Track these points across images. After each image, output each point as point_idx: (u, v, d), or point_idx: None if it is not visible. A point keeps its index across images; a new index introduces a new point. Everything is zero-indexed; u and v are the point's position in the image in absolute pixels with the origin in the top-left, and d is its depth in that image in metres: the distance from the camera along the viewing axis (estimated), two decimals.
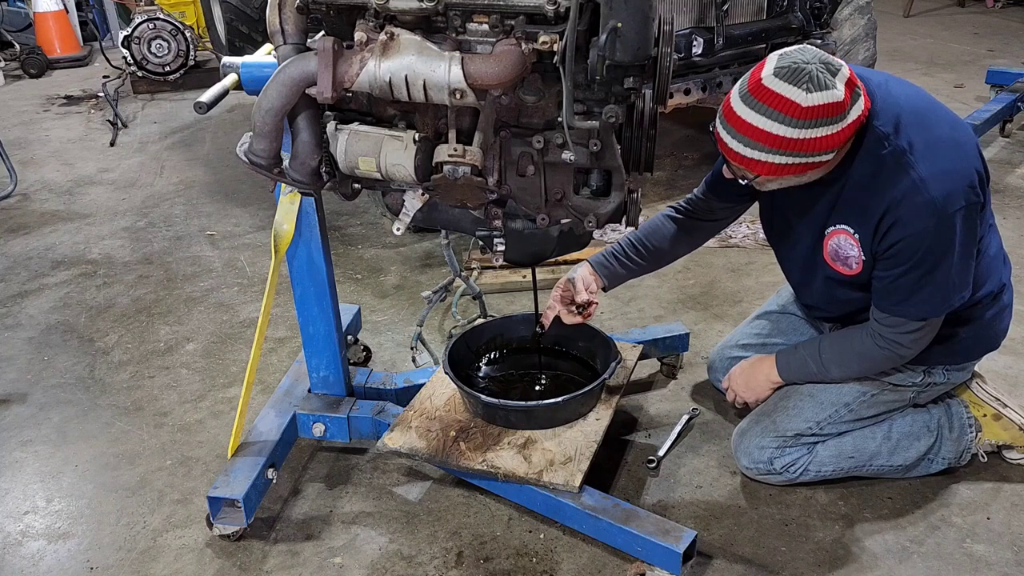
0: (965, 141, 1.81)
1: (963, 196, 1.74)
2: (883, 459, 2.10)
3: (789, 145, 1.69)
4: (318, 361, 2.26)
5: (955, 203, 1.73)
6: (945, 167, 1.74)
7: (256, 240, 3.71)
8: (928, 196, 1.72)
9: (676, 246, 2.28)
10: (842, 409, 2.08)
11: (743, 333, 2.42)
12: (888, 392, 2.08)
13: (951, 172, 1.74)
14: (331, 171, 1.77)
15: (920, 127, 1.78)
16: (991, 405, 2.16)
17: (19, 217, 4.09)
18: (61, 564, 2.03)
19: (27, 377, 2.78)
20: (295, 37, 1.71)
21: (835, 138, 1.70)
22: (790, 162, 1.73)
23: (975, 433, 2.15)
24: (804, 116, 1.66)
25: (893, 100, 1.80)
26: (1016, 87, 4.60)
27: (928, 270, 1.79)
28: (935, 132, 1.79)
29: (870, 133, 1.78)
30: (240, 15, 4.70)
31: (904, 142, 1.75)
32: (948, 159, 1.76)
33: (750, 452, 2.12)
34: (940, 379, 2.08)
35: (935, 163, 1.74)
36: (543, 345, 2.35)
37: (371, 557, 2.00)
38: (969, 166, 1.77)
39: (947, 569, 1.91)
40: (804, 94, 1.65)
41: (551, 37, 1.54)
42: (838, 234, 1.90)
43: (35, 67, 6.80)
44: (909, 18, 7.57)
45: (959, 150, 1.79)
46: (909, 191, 1.74)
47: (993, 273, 1.98)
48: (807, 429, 2.08)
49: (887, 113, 1.78)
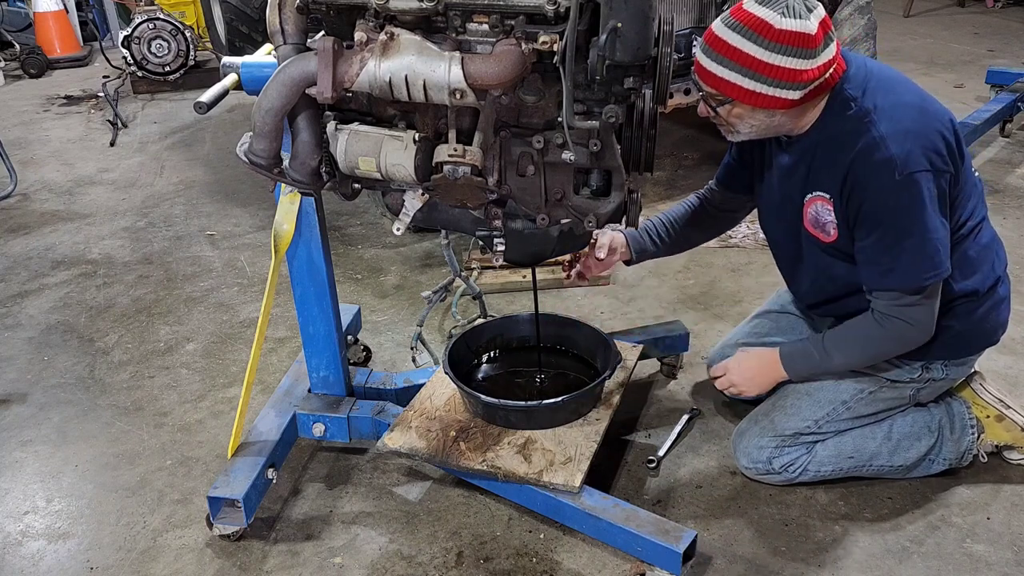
0: (934, 111, 1.82)
1: (926, 159, 1.75)
2: (883, 459, 2.10)
3: (757, 66, 1.73)
4: (318, 361, 2.26)
5: (916, 163, 1.74)
6: (907, 127, 1.76)
7: (256, 240, 3.71)
8: (887, 153, 1.74)
9: (697, 233, 2.36)
10: (840, 407, 2.07)
11: (742, 332, 2.42)
12: (886, 389, 2.07)
13: (912, 132, 1.76)
14: (331, 171, 1.77)
15: (887, 92, 1.81)
16: (994, 406, 2.15)
17: (19, 217, 4.09)
18: (61, 564, 2.03)
19: (27, 377, 2.78)
20: (295, 37, 1.71)
21: (803, 74, 1.73)
22: (758, 89, 1.75)
23: (976, 434, 2.14)
24: (775, 39, 1.70)
25: (866, 70, 1.85)
26: (1016, 87, 4.60)
27: (899, 235, 1.79)
28: (901, 97, 1.82)
29: (839, 96, 1.82)
30: (240, 15, 4.70)
31: (869, 103, 1.79)
32: (910, 120, 1.77)
33: (749, 452, 2.12)
34: (939, 375, 2.07)
35: (896, 123, 1.76)
36: (543, 345, 2.35)
37: (371, 557, 2.00)
38: (933, 131, 1.78)
39: (947, 569, 1.91)
40: (779, 17, 1.70)
41: (551, 37, 1.54)
42: (815, 201, 1.92)
43: (35, 67, 6.80)
44: (909, 18, 7.57)
45: (924, 115, 1.80)
46: (868, 148, 1.76)
47: (986, 263, 1.98)
48: (806, 428, 2.08)
49: (857, 79, 1.83)
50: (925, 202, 1.77)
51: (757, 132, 1.89)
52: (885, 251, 1.82)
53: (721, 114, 1.86)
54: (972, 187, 1.93)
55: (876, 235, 1.82)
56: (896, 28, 7.15)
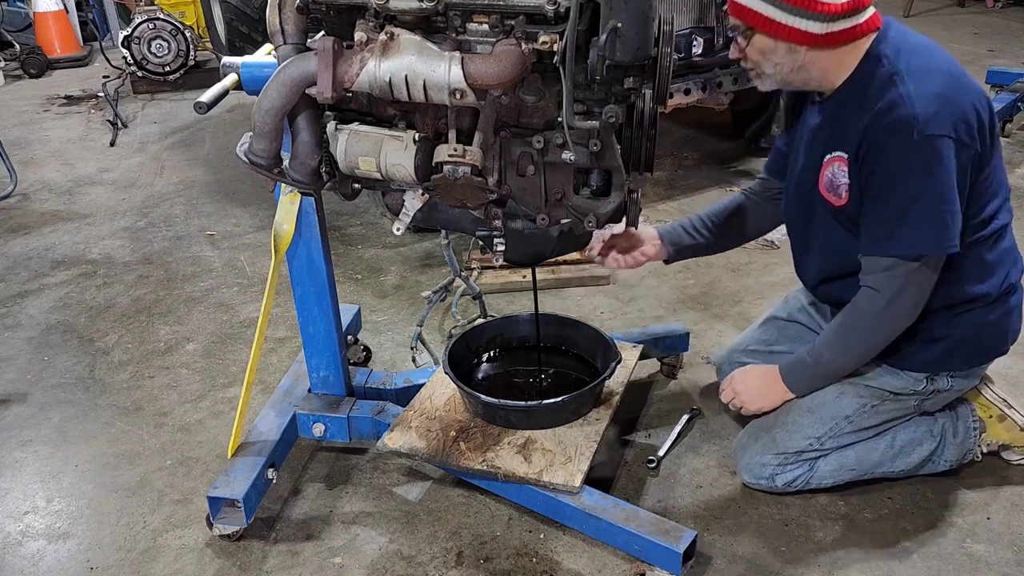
0: (969, 83, 1.77)
1: (951, 125, 1.69)
2: (886, 467, 2.09)
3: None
4: (318, 361, 2.26)
5: (939, 127, 1.68)
6: (935, 91, 1.71)
7: (256, 240, 3.72)
8: (910, 111, 1.69)
9: (740, 227, 2.30)
10: (842, 422, 2.04)
11: (751, 338, 2.38)
12: (890, 402, 2.04)
13: (941, 96, 1.70)
14: (331, 171, 1.77)
15: (922, 55, 1.77)
16: (996, 406, 2.13)
17: (19, 217, 4.09)
18: (61, 564, 2.03)
19: (27, 377, 2.78)
20: (295, 37, 1.71)
21: (826, 7, 1.71)
22: (777, 17, 1.74)
23: (979, 434, 2.12)
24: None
25: (905, 33, 1.83)
26: (1016, 87, 4.60)
27: (909, 197, 1.73)
28: (936, 62, 1.77)
29: (870, 56, 1.80)
30: (240, 15, 4.70)
31: (901, 64, 1.75)
32: (940, 85, 1.72)
33: (751, 468, 2.10)
34: (944, 386, 2.02)
35: (925, 84, 1.71)
36: (543, 344, 2.35)
37: (371, 557, 2.00)
38: (965, 101, 1.73)
39: (947, 569, 1.91)
40: None
41: (551, 37, 1.54)
42: (834, 161, 1.88)
43: (35, 67, 6.80)
44: (909, 18, 7.56)
45: (956, 83, 1.75)
46: (892, 104, 1.72)
47: (1001, 269, 1.92)
48: (808, 446, 2.05)
49: (894, 41, 1.80)
50: (942, 169, 1.70)
51: (782, 75, 1.84)
52: (891, 213, 1.76)
53: (747, 52, 1.84)
54: (999, 184, 1.87)
55: (885, 196, 1.76)
56: None
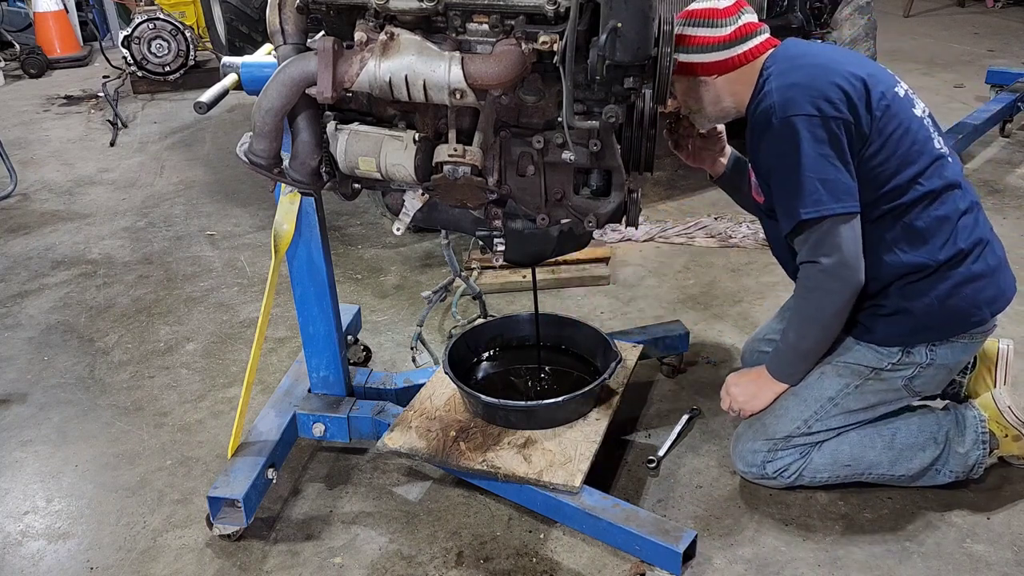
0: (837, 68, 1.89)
1: (809, 103, 1.83)
2: (883, 468, 2.07)
3: (680, 40, 1.95)
4: (318, 361, 2.26)
5: (795, 108, 1.83)
6: (792, 80, 1.87)
7: (256, 240, 3.72)
8: (768, 102, 1.87)
9: None
10: (827, 404, 2.04)
11: (769, 327, 2.41)
12: (872, 381, 2.02)
13: (797, 84, 1.86)
14: (331, 171, 1.77)
15: (797, 59, 1.94)
16: (1015, 428, 2.07)
17: (19, 217, 4.09)
18: (61, 564, 2.03)
19: (27, 377, 2.78)
20: (295, 37, 1.71)
21: (716, 39, 1.94)
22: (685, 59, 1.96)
23: (988, 450, 2.07)
24: (691, 16, 1.97)
25: (796, 45, 2.02)
26: (1016, 87, 4.60)
27: (789, 171, 1.86)
28: (802, 60, 1.93)
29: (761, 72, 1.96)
30: (240, 15, 4.70)
31: (775, 69, 1.92)
32: (799, 75, 1.88)
33: (744, 456, 2.11)
34: (923, 359, 1.99)
35: (783, 78, 1.88)
36: (543, 344, 2.35)
37: (371, 557, 2.00)
38: (825, 81, 1.86)
39: (947, 569, 1.91)
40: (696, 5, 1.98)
41: (551, 37, 1.55)
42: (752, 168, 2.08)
43: (35, 67, 6.80)
44: (909, 18, 7.57)
45: (820, 70, 1.89)
46: (757, 103, 1.91)
47: (939, 236, 1.92)
48: (796, 430, 2.06)
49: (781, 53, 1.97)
50: (802, 143, 1.83)
51: (708, 108, 2.03)
52: (783, 192, 1.91)
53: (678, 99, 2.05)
54: (918, 152, 1.91)
55: (773, 181, 1.94)
56: (896, 28, 7.16)
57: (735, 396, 2.14)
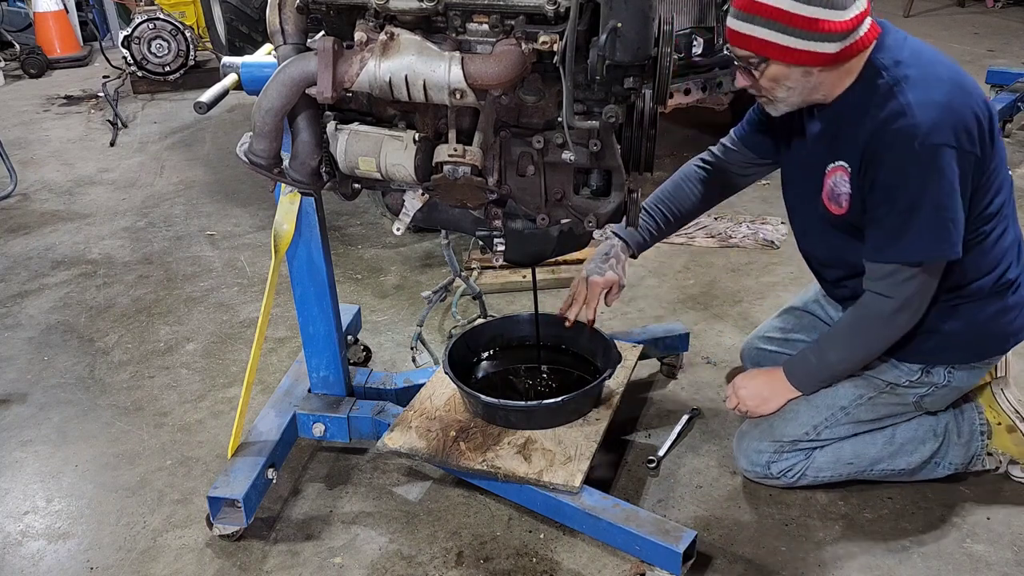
0: (969, 89, 1.77)
1: (952, 134, 1.70)
2: (884, 463, 2.07)
3: (789, 19, 1.70)
4: (318, 361, 2.26)
5: (941, 136, 1.69)
6: (936, 99, 1.71)
7: (256, 240, 3.72)
8: (911, 121, 1.70)
9: (699, 205, 2.30)
10: (838, 412, 2.04)
11: (769, 326, 2.40)
12: (886, 395, 2.03)
13: (943, 105, 1.71)
14: (331, 171, 1.77)
15: (921, 63, 1.77)
16: (1008, 415, 2.09)
17: (19, 217, 4.09)
18: (61, 564, 2.03)
19: (27, 377, 2.78)
20: (295, 37, 1.71)
21: (836, 25, 1.70)
22: (791, 44, 1.72)
23: (986, 440, 2.09)
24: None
25: (904, 42, 1.81)
26: (1016, 87, 4.60)
27: (910, 205, 1.74)
28: (936, 69, 1.77)
29: (870, 65, 1.79)
30: (240, 15, 4.71)
31: (901, 73, 1.75)
32: (942, 93, 1.72)
33: (748, 455, 2.11)
34: (941, 380, 2.01)
35: (927, 94, 1.72)
36: (543, 344, 2.35)
37: (371, 557, 2.00)
38: (966, 108, 1.73)
39: (947, 569, 1.91)
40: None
41: (551, 37, 1.54)
42: (835, 171, 1.88)
43: (35, 67, 6.80)
44: (909, 18, 7.57)
45: (959, 90, 1.74)
46: (893, 115, 1.72)
47: (1000, 264, 1.91)
48: (804, 435, 2.06)
49: (893, 50, 1.79)
50: (944, 177, 1.71)
51: (796, 96, 1.84)
52: (893, 222, 1.78)
53: (758, 79, 1.83)
54: (1003, 181, 1.87)
55: (887, 205, 1.78)
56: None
57: (744, 398, 2.12)
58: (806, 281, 2.39)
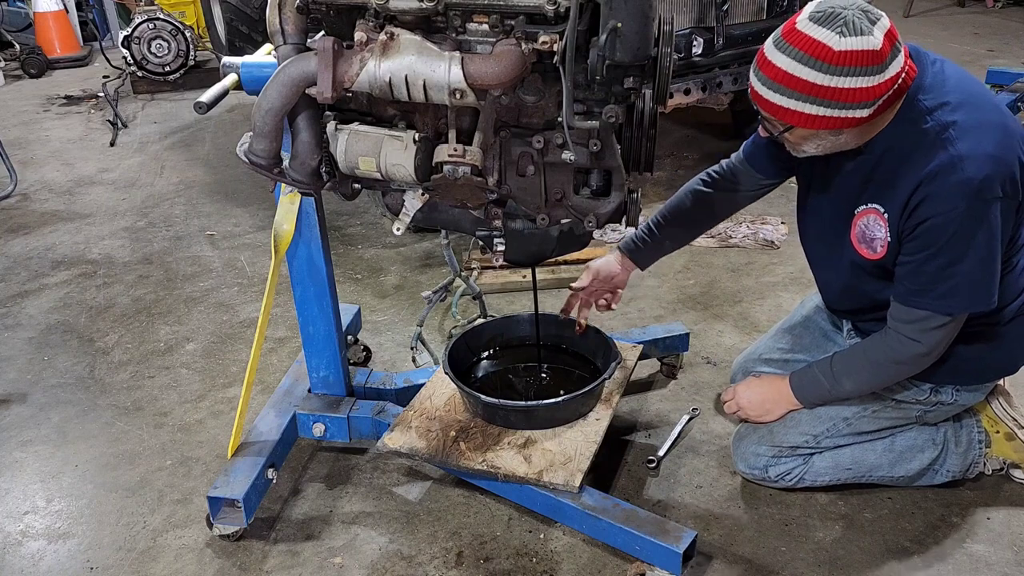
0: (1014, 130, 1.70)
1: (1001, 185, 1.65)
2: (883, 471, 2.07)
3: (820, 92, 1.61)
4: (318, 361, 2.26)
5: (992, 190, 1.64)
6: (988, 151, 1.64)
7: (256, 240, 3.71)
8: (965, 175, 1.62)
9: (702, 222, 2.29)
10: (840, 423, 2.03)
11: (766, 347, 2.33)
12: (891, 408, 2.02)
13: (994, 157, 1.64)
14: (331, 171, 1.77)
15: (967, 107, 1.68)
16: (1006, 423, 2.08)
17: (19, 217, 4.09)
18: (61, 564, 2.03)
19: (27, 377, 2.78)
20: (295, 37, 1.71)
21: (871, 91, 1.61)
22: (822, 113, 1.64)
23: (984, 448, 2.09)
24: (837, 61, 1.58)
25: (944, 77, 1.72)
26: (1016, 87, 4.59)
27: (954, 258, 1.68)
28: (983, 114, 1.69)
29: (913, 106, 1.70)
30: (240, 15, 4.70)
31: (948, 118, 1.66)
32: (992, 143, 1.65)
33: (746, 458, 2.11)
34: (948, 398, 1.99)
35: (979, 144, 1.64)
36: (543, 344, 2.35)
37: (371, 557, 2.00)
38: (1013, 156, 1.67)
39: (947, 569, 1.91)
40: (838, 38, 1.57)
41: (551, 37, 1.55)
42: (868, 214, 1.81)
43: (35, 67, 6.80)
44: (909, 18, 7.57)
45: (1007, 137, 1.68)
46: (945, 167, 1.64)
47: (1010, 299, 1.87)
48: (804, 442, 2.05)
49: (935, 89, 1.70)
50: (989, 230, 1.67)
51: (823, 150, 1.78)
52: (933, 270, 1.72)
53: (784, 137, 1.77)
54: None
55: (928, 253, 1.71)
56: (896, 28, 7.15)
57: (745, 406, 2.10)
58: (806, 281, 2.39)
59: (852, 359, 1.96)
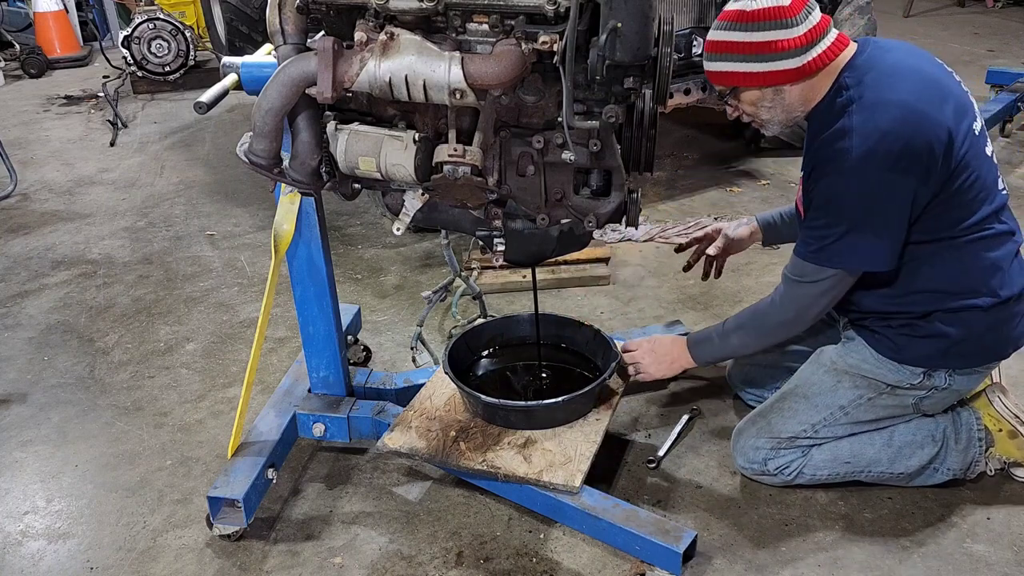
0: (923, 114, 1.76)
1: (890, 159, 1.73)
2: (883, 466, 2.07)
3: (745, 48, 1.81)
4: (318, 361, 2.26)
5: (874, 162, 1.74)
6: (880, 126, 1.74)
7: (256, 240, 3.71)
8: (847, 144, 1.75)
9: None
10: (837, 412, 2.05)
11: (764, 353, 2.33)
12: (886, 396, 2.03)
13: (884, 132, 1.73)
14: (331, 171, 1.77)
15: (880, 86, 1.79)
16: (1008, 421, 2.08)
17: (19, 217, 4.09)
18: (61, 564, 2.03)
19: (27, 377, 2.78)
20: (295, 37, 1.71)
21: (789, 43, 1.79)
22: (753, 69, 1.82)
23: (984, 446, 2.09)
24: (752, 19, 1.79)
25: (878, 59, 1.85)
26: (1016, 87, 4.59)
27: (833, 219, 1.81)
28: (895, 94, 1.78)
29: (837, 82, 1.85)
30: (240, 15, 4.70)
31: (856, 94, 1.79)
32: (888, 119, 1.74)
33: (745, 452, 2.12)
34: (942, 383, 2.00)
35: (871, 118, 1.75)
36: (544, 344, 2.35)
37: (371, 557, 2.00)
38: (914, 136, 1.74)
39: (947, 569, 1.91)
40: (751, 2, 1.79)
41: (551, 37, 1.55)
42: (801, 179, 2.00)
43: (35, 67, 6.80)
44: (909, 18, 7.57)
45: (912, 116, 1.75)
46: (834, 136, 1.78)
47: (995, 277, 1.90)
48: (802, 432, 2.07)
49: (861, 68, 1.83)
50: (872, 197, 1.77)
51: (779, 114, 1.91)
52: (823, 230, 1.84)
53: (740, 108, 1.93)
54: (988, 193, 1.88)
55: (820, 214, 1.85)
56: (896, 28, 7.15)
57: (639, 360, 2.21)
58: None
59: (741, 316, 2.09)
